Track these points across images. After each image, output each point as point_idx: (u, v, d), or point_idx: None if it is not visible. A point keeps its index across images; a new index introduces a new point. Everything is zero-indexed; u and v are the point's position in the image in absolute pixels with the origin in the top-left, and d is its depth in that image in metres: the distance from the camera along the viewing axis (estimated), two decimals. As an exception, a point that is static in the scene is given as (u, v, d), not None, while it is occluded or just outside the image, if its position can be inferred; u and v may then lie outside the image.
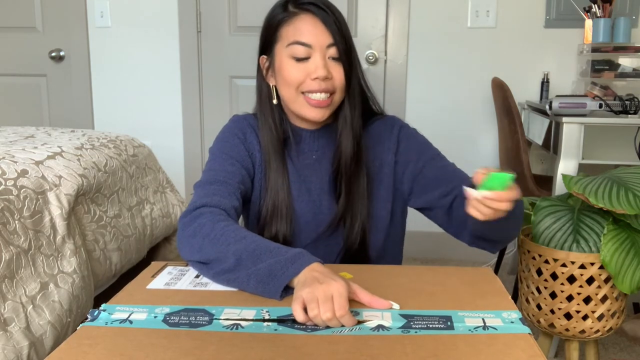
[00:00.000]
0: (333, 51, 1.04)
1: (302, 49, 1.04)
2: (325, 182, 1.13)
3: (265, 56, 1.12)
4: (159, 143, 2.87)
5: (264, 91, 1.13)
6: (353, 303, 0.82)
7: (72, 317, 1.30)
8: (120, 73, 2.95)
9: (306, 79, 1.04)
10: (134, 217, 1.70)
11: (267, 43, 1.11)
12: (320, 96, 1.05)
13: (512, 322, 0.78)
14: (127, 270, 1.67)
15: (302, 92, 1.05)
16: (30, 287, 1.20)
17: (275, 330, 0.75)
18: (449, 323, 0.77)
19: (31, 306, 1.18)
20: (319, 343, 0.72)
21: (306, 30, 1.04)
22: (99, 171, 1.56)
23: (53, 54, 2.98)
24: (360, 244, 1.12)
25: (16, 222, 1.21)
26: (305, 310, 0.78)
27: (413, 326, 0.76)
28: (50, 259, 1.29)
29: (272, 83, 1.12)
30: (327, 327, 0.77)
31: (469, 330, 0.75)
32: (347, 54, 1.05)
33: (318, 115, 1.06)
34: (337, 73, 1.05)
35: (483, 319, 0.78)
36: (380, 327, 0.76)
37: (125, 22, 2.90)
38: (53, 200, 1.34)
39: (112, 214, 1.58)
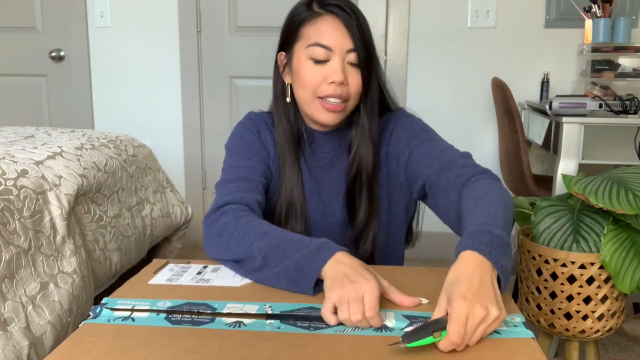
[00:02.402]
0: (352, 57, 1.02)
1: (322, 51, 1.02)
2: (336, 184, 1.12)
3: (283, 53, 1.10)
4: (159, 143, 2.87)
5: (279, 88, 1.12)
6: (384, 302, 0.81)
7: (72, 317, 1.30)
8: (120, 73, 2.95)
9: (322, 83, 1.02)
10: (134, 217, 1.70)
11: (287, 40, 1.08)
12: (335, 101, 1.03)
13: (515, 326, 0.77)
14: (127, 270, 1.67)
15: (319, 97, 1.03)
16: (30, 287, 1.20)
17: (278, 328, 0.76)
18: None
19: (31, 306, 1.18)
20: (321, 343, 0.72)
21: (328, 32, 1.02)
22: (99, 171, 1.56)
23: (53, 54, 2.98)
24: (370, 252, 1.11)
25: (16, 222, 1.21)
26: (334, 311, 0.77)
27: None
28: (50, 259, 1.29)
29: (287, 81, 1.10)
30: (330, 326, 0.76)
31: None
32: (367, 60, 1.03)
33: (331, 119, 1.05)
34: (354, 80, 1.03)
35: None
36: (383, 327, 0.76)
37: (125, 22, 2.90)
38: (53, 200, 1.34)
39: (112, 214, 1.58)
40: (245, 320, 0.77)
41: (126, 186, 1.70)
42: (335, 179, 1.13)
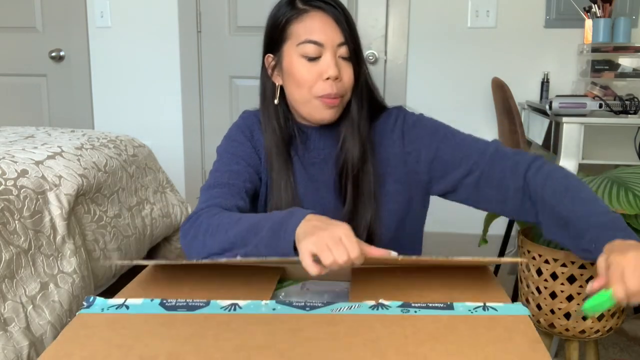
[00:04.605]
0: (343, 50, 1.03)
1: (313, 48, 1.02)
2: (332, 180, 1.12)
3: (271, 55, 1.10)
4: (159, 143, 2.87)
5: (269, 90, 1.12)
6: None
7: (72, 317, 1.30)
8: (120, 73, 2.95)
9: (317, 80, 1.02)
10: (134, 217, 1.70)
11: (274, 41, 1.08)
12: (333, 99, 1.04)
13: (512, 304, 0.77)
14: (127, 270, 1.67)
15: (317, 97, 1.03)
16: (30, 287, 1.20)
17: (274, 309, 0.75)
18: (448, 302, 0.77)
19: (31, 306, 1.19)
20: (318, 324, 0.72)
21: (318, 28, 1.02)
22: (99, 171, 1.56)
23: (53, 54, 2.98)
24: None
25: (16, 222, 1.21)
26: (316, 262, 0.76)
27: (412, 305, 0.76)
28: (50, 259, 1.29)
29: (278, 82, 1.10)
30: (326, 305, 0.76)
31: (469, 310, 0.75)
32: (356, 53, 1.04)
33: (330, 115, 1.05)
34: (347, 74, 1.04)
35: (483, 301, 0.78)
36: (379, 305, 0.76)
37: (125, 22, 2.90)
38: (53, 200, 1.34)
39: (112, 214, 1.58)
40: (241, 302, 0.77)
41: (126, 186, 1.70)
42: (331, 175, 1.12)
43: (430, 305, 0.76)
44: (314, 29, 1.02)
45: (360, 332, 0.70)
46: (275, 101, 1.10)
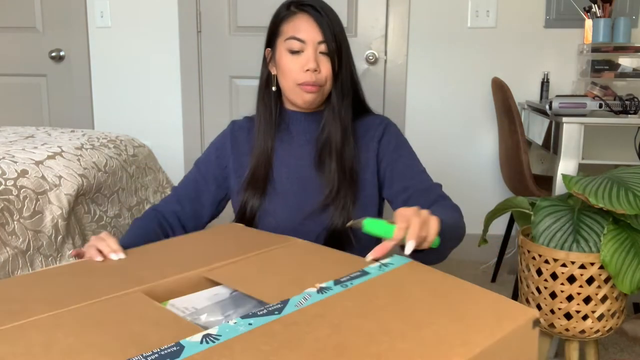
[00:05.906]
0: (323, 47, 1.19)
1: (297, 44, 1.19)
2: (316, 162, 1.25)
3: (269, 48, 1.28)
4: (159, 143, 2.87)
5: (264, 79, 1.30)
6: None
7: (72, 317, 1.30)
8: (120, 73, 2.95)
9: (300, 71, 1.19)
10: (134, 217, 1.70)
11: (271, 37, 1.26)
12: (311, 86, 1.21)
13: (397, 256, 0.84)
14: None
15: (298, 84, 1.20)
16: (30, 287, 1.20)
17: (250, 324, 0.65)
18: (360, 270, 0.81)
19: (31, 306, 1.18)
20: (309, 321, 0.65)
21: (301, 28, 1.19)
22: (99, 171, 1.56)
23: (53, 54, 2.98)
24: (343, 224, 1.20)
25: (15, 222, 1.21)
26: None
27: (341, 280, 0.77)
28: (50, 259, 1.29)
29: (273, 72, 1.27)
30: (283, 304, 0.70)
31: (379, 269, 0.80)
32: (337, 50, 1.20)
33: (309, 99, 1.21)
34: (325, 67, 1.20)
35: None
36: (322, 289, 0.75)
37: (125, 22, 2.90)
38: (53, 200, 1.34)
39: (112, 214, 1.58)
40: (212, 331, 0.63)
41: (126, 186, 1.70)
42: (314, 158, 1.26)
43: (351, 275, 0.79)
44: (299, 28, 1.20)
45: (350, 312, 0.67)
46: (273, 88, 1.27)
